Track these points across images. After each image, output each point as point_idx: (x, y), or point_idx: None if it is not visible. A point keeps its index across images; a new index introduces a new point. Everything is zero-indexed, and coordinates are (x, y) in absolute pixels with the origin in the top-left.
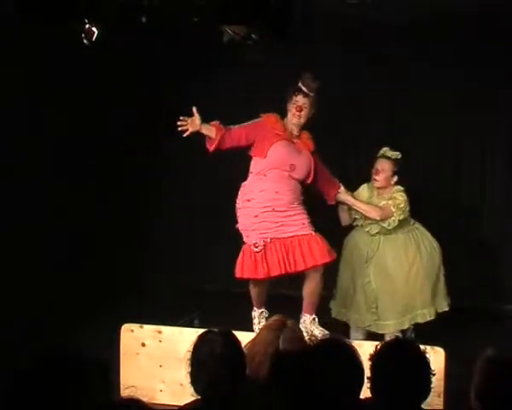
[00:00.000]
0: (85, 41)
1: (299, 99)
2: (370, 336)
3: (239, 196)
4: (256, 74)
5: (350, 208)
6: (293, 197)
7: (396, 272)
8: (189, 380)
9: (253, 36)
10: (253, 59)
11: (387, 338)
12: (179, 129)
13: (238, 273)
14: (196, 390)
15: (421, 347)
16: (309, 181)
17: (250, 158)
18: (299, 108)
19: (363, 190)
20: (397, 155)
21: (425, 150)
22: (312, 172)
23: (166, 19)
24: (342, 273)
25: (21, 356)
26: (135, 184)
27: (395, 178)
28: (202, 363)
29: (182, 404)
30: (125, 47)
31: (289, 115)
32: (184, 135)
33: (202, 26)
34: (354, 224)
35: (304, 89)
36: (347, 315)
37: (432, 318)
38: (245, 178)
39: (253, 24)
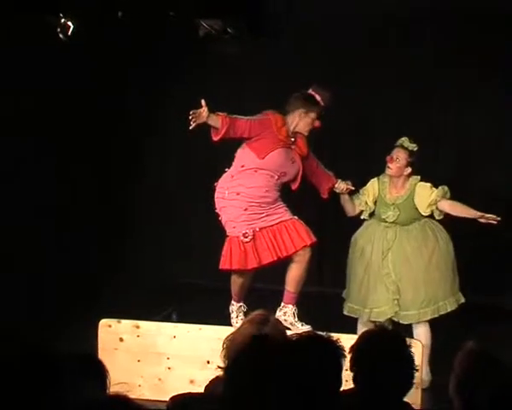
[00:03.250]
0: (61, 36)
1: (316, 114)
2: None
3: (224, 186)
4: (236, 69)
5: (353, 198)
6: (278, 195)
7: (417, 261)
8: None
9: (229, 30)
10: (229, 52)
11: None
12: (191, 121)
13: (226, 265)
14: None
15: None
16: (294, 187)
17: (240, 144)
18: (317, 124)
19: (373, 184)
20: (413, 146)
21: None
22: (299, 181)
23: (142, 13)
24: (355, 271)
25: None
26: (111, 179)
27: (409, 170)
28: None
29: (161, 399)
30: (102, 42)
31: (301, 124)
32: (190, 128)
33: (179, 21)
34: (362, 217)
35: (322, 103)
36: (361, 311)
37: (453, 309)
38: (223, 165)
39: (229, 18)
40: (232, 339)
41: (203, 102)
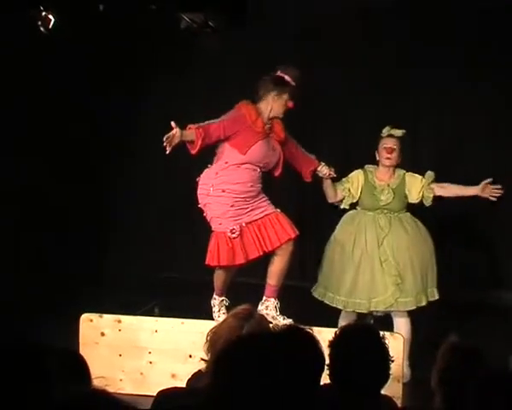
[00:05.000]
0: (42, 29)
1: (289, 95)
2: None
3: (208, 183)
4: (215, 63)
5: (336, 184)
6: (261, 187)
7: (413, 247)
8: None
9: (210, 23)
10: (209, 46)
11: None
12: (166, 147)
13: (214, 262)
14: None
15: (380, 333)
16: (276, 174)
17: (221, 141)
18: (291, 105)
19: (358, 174)
20: (401, 132)
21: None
22: (281, 167)
23: (124, 7)
24: (345, 266)
25: None
26: (92, 175)
27: (401, 157)
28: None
29: (142, 393)
30: (83, 35)
31: (275, 107)
32: (167, 153)
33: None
34: (342, 206)
35: (293, 83)
36: (357, 304)
37: (437, 298)
38: (206, 159)
39: (210, 11)
40: (216, 332)
41: (173, 123)
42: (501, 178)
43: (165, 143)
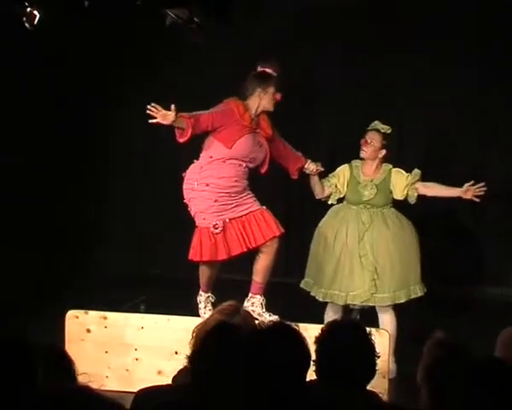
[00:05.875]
0: (27, 25)
1: (275, 87)
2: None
3: (193, 177)
4: (201, 58)
5: (322, 181)
6: (247, 184)
7: (394, 243)
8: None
9: (195, 19)
10: (195, 41)
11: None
12: (149, 114)
13: (196, 257)
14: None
15: (367, 329)
16: (263, 171)
17: (206, 136)
18: (279, 97)
19: (344, 169)
20: (387, 128)
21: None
22: (267, 163)
23: (109, 3)
24: (327, 257)
25: None
26: (77, 173)
27: (383, 152)
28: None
29: (128, 390)
30: (68, 31)
31: (264, 103)
32: (150, 121)
33: (145, 10)
34: (330, 201)
35: (274, 74)
36: (337, 296)
37: (422, 294)
38: (191, 154)
39: (195, 7)
40: (202, 329)
41: (173, 106)
42: (486, 176)
43: (154, 113)
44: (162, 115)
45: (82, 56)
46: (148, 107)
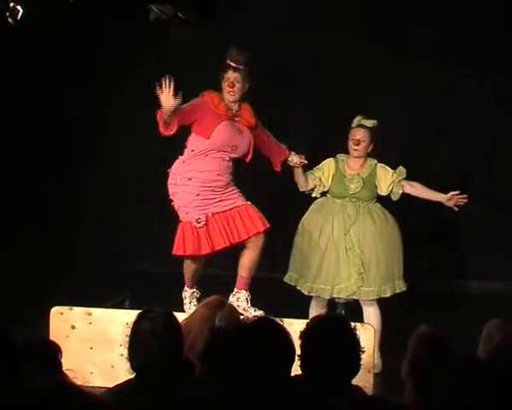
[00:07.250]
0: (10, 20)
1: (230, 75)
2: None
3: (177, 172)
4: (186, 53)
5: (306, 174)
6: (230, 178)
7: (380, 237)
8: (126, 356)
9: (179, 14)
10: (179, 37)
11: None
12: (158, 85)
13: (179, 251)
14: (132, 367)
15: (352, 324)
16: (247, 160)
17: (188, 133)
18: (231, 85)
19: (329, 163)
20: (373, 122)
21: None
22: (251, 152)
23: None
24: (312, 250)
25: None
26: (63, 168)
27: (371, 147)
28: (141, 340)
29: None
30: (52, 26)
31: (224, 94)
32: (155, 91)
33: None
34: (314, 194)
35: (232, 64)
36: (321, 289)
37: (405, 290)
38: (175, 151)
39: (180, 2)
40: (187, 323)
41: (180, 95)
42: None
43: (163, 88)
44: (166, 97)
45: (66, 53)
46: (163, 78)
